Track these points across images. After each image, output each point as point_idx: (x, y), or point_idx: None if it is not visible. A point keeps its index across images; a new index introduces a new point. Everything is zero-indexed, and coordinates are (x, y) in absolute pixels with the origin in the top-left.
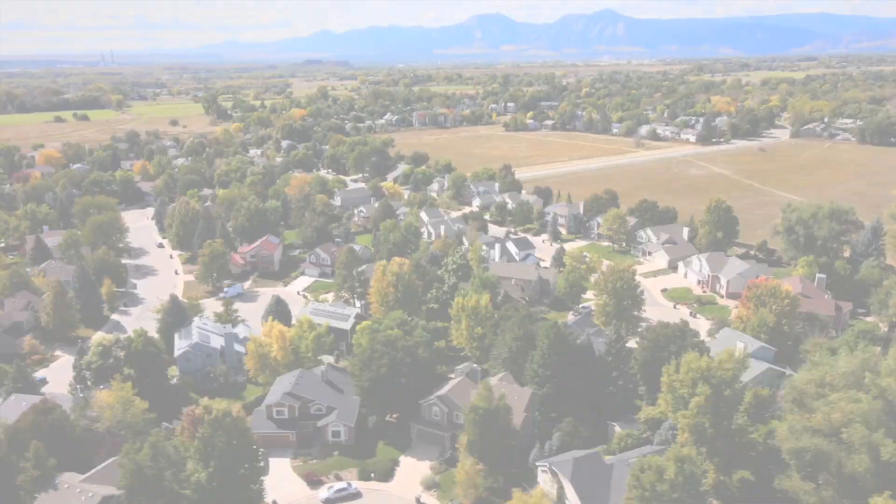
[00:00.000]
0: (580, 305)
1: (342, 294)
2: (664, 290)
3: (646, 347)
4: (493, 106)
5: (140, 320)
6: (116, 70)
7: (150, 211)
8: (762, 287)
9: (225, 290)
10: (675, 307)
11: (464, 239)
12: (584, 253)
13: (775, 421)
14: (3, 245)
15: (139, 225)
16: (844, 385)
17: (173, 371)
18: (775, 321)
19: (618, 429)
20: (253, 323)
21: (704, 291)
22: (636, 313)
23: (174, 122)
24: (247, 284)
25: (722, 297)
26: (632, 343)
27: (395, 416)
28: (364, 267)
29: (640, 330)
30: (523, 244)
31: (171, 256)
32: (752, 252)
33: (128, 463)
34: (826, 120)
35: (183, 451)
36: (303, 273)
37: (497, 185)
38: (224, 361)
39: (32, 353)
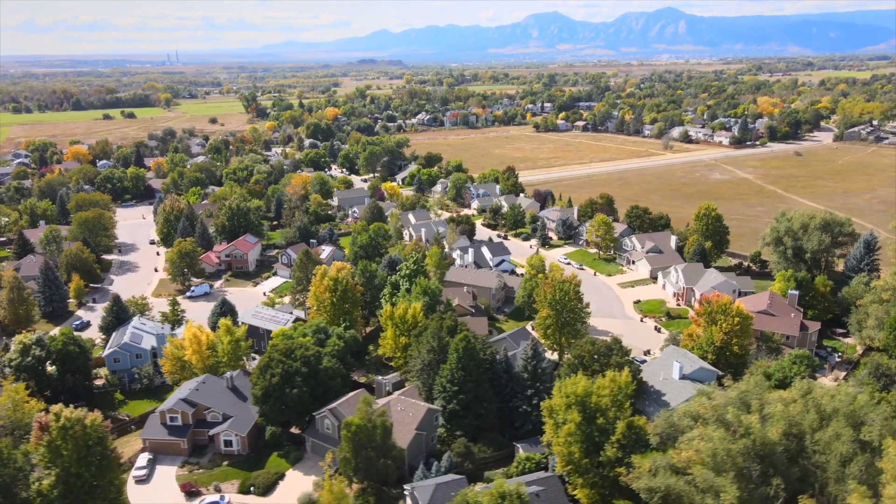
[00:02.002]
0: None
1: (297, 297)
2: (637, 302)
3: (570, 364)
4: (530, 106)
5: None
6: (179, 69)
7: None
8: (714, 303)
9: (192, 288)
10: (641, 320)
11: (444, 242)
12: (565, 258)
13: (635, 456)
14: (3, 239)
15: (141, 221)
16: (716, 419)
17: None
18: (723, 340)
19: (521, 451)
20: (202, 323)
21: (679, 304)
22: (579, 327)
23: (213, 121)
24: (218, 284)
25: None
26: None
27: (299, 427)
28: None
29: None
30: (498, 249)
31: (157, 253)
32: (744, 263)
33: None
34: (875, 123)
35: (34, 459)
36: (275, 274)
37: (498, 187)
38: (157, 362)
39: None
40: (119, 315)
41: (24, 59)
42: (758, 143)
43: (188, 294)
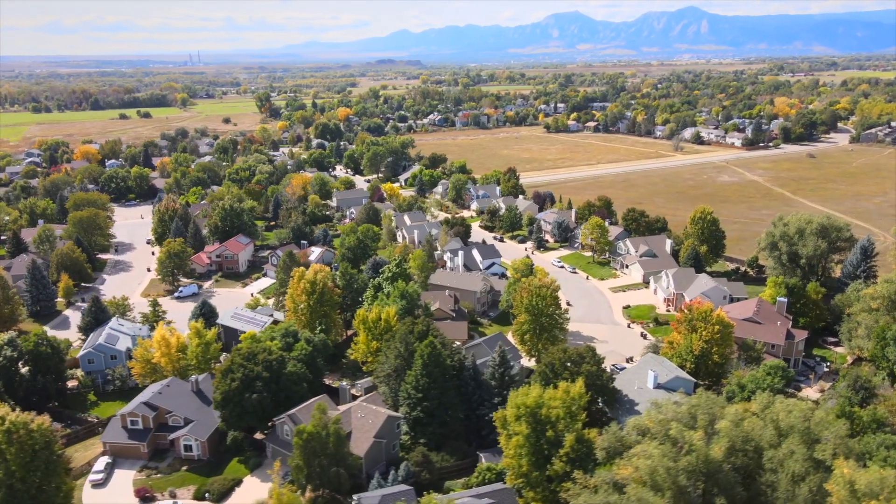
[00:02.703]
0: None
1: (280, 299)
2: (626, 307)
3: (540, 371)
4: (543, 107)
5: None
6: (200, 70)
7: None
8: (694, 310)
9: (180, 289)
10: (628, 326)
11: (436, 244)
12: (559, 261)
13: (578, 471)
14: (4, 238)
15: (139, 221)
16: (662, 434)
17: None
18: (702, 348)
19: (483, 460)
20: (182, 325)
21: (669, 310)
22: (557, 333)
23: (226, 120)
24: (207, 284)
25: None
26: None
27: (262, 433)
28: None
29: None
30: (488, 252)
31: (152, 253)
32: (741, 268)
33: None
34: (894, 124)
35: None
36: (264, 275)
37: (498, 189)
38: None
39: None
40: (98, 316)
41: (50, 59)
42: (771, 144)
43: (176, 295)
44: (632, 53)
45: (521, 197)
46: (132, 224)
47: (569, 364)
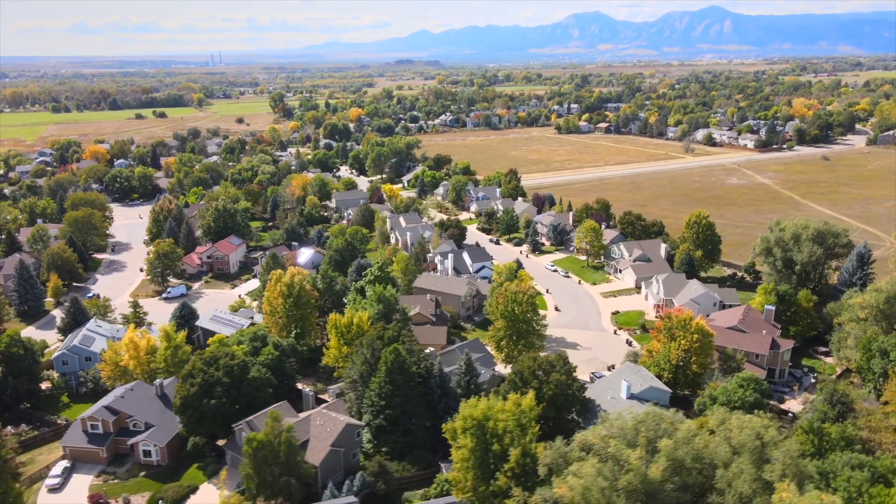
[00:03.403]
0: None
1: (261, 301)
2: (615, 313)
3: (510, 380)
4: (556, 107)
5: None
6: (221, 70)
7: None
8: (674, 318)
9: (168, 290)
10: (615, 332)
11: (429, 247)
12: (552, 264)
13: (516, 488)
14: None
15: (138, 221)
16: (605, 451)
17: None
18: (680, 357)
19: (444, 471)
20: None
21: (658, 316)
22: (534, 340)
23: (240, 120)
24: (197, 285)
25: None
26: None
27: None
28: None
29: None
30: (479, 255)
31: (148, 253)
32: (738, 273)
33: None
34: None
35: None
36: (254, 276)
37: (499, 190)
38: None
39: None
40: (77, 317)
41: (75, 59)
42: (784, 146)
43: (164, 296)
44: (653, 54)
45: (520, 199)
46: (132, 224)
47: (539, 373)
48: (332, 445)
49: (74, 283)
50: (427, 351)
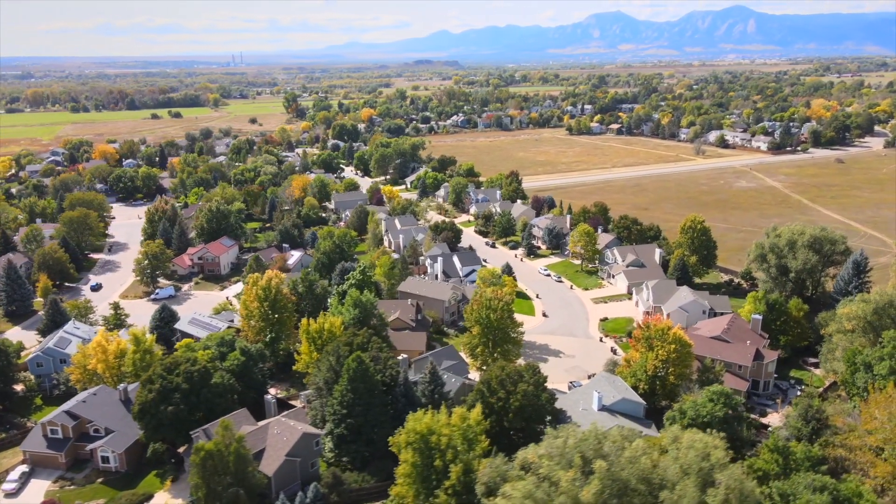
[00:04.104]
0: None
1: None
2: (604, 320)
3: (478, 390)
4: (569, 108)
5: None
6: (241, 70)
7: None
8: (652, 327)
9: (157, 291)
10: (601, 340)
11: (421, 250)
12: (545, 269)
13: None
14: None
15: (137, 221)
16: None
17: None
18: (658, 368)
19: None
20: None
21: (638, 325)
22: (510, 347)
23: (253, 121)
24: (186, 286)
25: None
26: None
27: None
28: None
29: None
30: (469, 258)
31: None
32: (735, 280)
33: None
34: None
35: None
36: (244, 278)
37: (499, 192)
38: None
39: None
40: (55, 318)
41: (100, 59)
42: (798, 148)
43: (152, 297)
44: (674, 54)
45: (518, 201)
46: (133, 224)
47: (507, 383)
48: (288, 455)
49: (66, 284)
50: (400, 357)
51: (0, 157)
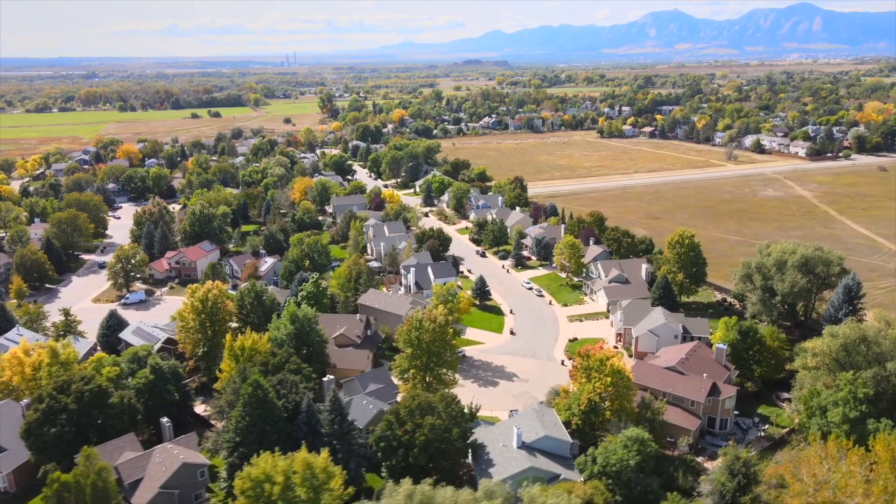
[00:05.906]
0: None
1: None
2: (573, 340)
3: (387, 420)
4: (607, 110)
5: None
6: (293, 70)
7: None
8: (591, 356)
9: (127, 296)
10: (562, 363)
11: (401, 258)
12: (528, 281)
13: None
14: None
15: None
16: None
17: None
18: (592, 402)
19: None
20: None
21: (617, 346)
22: (445, 373)
23: (287, 121)
24: (160, 291)
25: (631, 356)
26: None
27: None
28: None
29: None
30: (442, 270)
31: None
32: (727, 299)
33: None
34: None
35: None
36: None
37: (501, 198)
38: None
39: None
40: (2, 324)
41: (163, 60)
42: (840, 154)
43: (122, 301)
44: (734, 53)
45: (517, 209)
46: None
47: (415, 414)
48: (163, 487)
49: (47, 286)
50: (325, 379)
51: (32, 154)
